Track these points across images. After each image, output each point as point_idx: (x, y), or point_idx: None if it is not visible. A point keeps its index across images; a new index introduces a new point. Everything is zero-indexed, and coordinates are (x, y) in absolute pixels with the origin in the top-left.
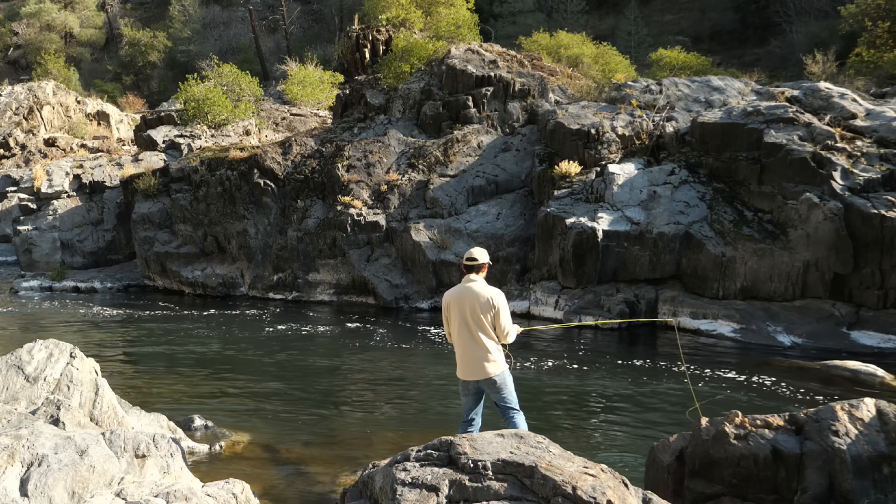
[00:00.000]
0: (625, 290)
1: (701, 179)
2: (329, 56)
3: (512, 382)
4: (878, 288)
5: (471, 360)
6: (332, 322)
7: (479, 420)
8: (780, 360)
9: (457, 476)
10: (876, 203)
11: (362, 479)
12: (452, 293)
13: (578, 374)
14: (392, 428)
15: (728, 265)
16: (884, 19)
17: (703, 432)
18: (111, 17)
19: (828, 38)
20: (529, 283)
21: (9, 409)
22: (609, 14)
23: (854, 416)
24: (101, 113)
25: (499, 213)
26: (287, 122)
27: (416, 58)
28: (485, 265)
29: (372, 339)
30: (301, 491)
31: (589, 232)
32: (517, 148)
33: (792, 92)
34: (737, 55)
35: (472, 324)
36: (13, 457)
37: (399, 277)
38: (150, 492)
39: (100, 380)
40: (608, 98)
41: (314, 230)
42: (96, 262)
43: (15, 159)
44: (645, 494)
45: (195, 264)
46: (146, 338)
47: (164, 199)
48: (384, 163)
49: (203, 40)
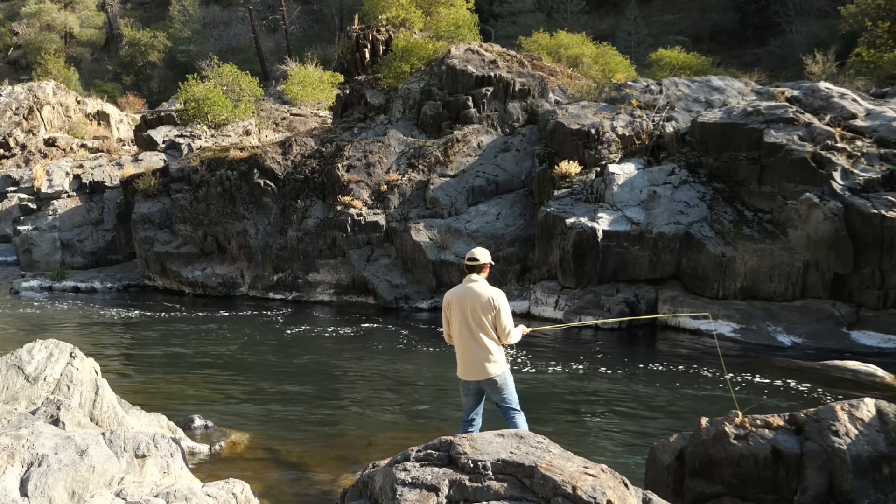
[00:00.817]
0: (625, 290)
1: (701, 179)
2: (329, 56)
3: (513, 383)
4: (878, 288)
5: (471, 361)
6: (332, 322)
7: (480, 420)
8: (780, 360)
9: (457, 476)
10: (876, 203)
11: (362, 479)
12: (454, 293)
13: (578, 373)
14: (392, 428)
15: (728, 265)
16: (884, 19)
17: (703, 432)
18: (111, 17)
19: (828, 38)
20: (529, 283)
21: (9, 409)
22: (609, 14)
23: (854, 416)
24: (101, 113)
25: (499, 213)
26: (287, 122)
27: (416, 58)
28: (486, 265)
29: (372, 339)
30: (301, 491)
31: (589, 232)
32: (517, 148)
33: (792, 92)
34: (737, 55)
35: (472, 324)
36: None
37: (399, 277)
38: (150, 492)
39: (100, 380)
40: (608, 98)
41: (314, 230)
42: (96, 262)
43: (15, 159)
44: (645, 494)
45: (195, 264)
46: (146, 338)
47: (164, 199)
48: (384, 163)
49: (203, 40)
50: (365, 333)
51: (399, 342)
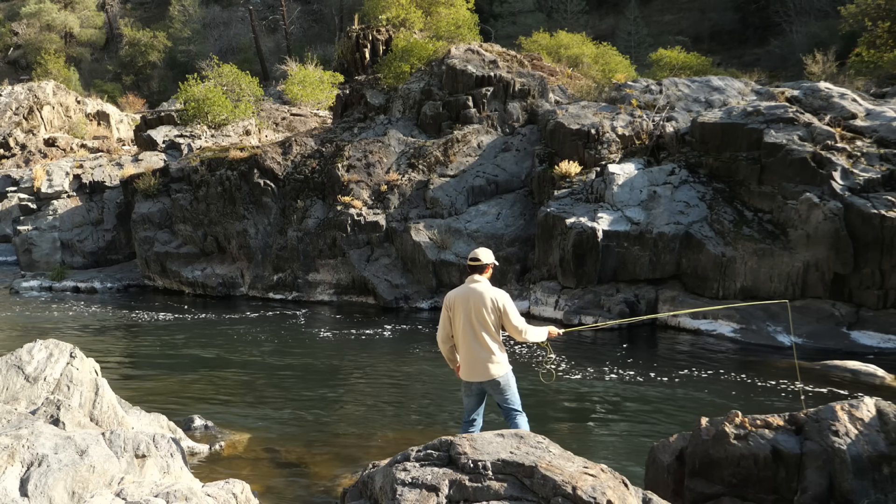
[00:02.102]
0: (625, 290)
1: (701, 179)
2: (329, 56)
3: (515, 384)
4: (878, 288)
5: (474, 361)
6: (332, 322)
7: (481, 421)
8: (780, 360)
9: (457, 476)
10: (876, 203)
11: (362, 479)
12: (457, 293)
13: (578, 374)
14: (392, 428)
15: (728, 265)
16: (884, 19)
17: (703, 432)
18: (111, 17)
19: (828, 38)
20: (529, 283)
21: (9, 409)
22: (609, 14)
23: (854, 416)
24: (101, 113)
25: (499, 213)
26: (287, 122)
27: (416, 58)
28: (488, 266)
29: (372, 339)
30: (301, 491)
31: (589, 232)
32: (517, 148)
33: (792, 92)
34: (737, 55)
35: (476, 325)
36: (13, 457)
37: (399, 277)
38: (150, 492)
39: (100, 380)
40: (608, 98)
41: (314, 230)
42: (96, 262)
43: (15, 159)
44: (645, 494)
45: (195, 264)
46: (146, 338)
47: (164, 199)
48: (384, 163)
49: (203, 40)
50: (365, 333)
51: (399, 342)
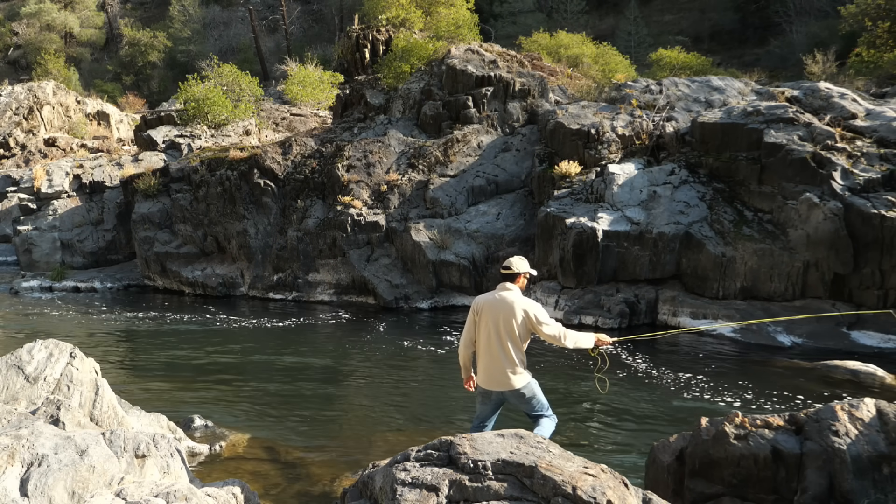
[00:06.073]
0: (625, 290)
1: (701, 179)
2: (329, 56)
3: (538, 388)
4: (878, 288)
5: (495, 371)
6: (332, 322)
7: (491, 429)
8: (780, 360)
9: (457, 476)
10: (876, 203)
11: (362, 479)
12: (486, 300)
13: (578, 374)
14: (392, 428)
15: (728, 265)
16: (884, 19)
17: (703, 432)
18: (111, 17)
19: (828, 38)
20: (529, 283)
21: (9, 409)
22: (609, 14)
23: (854, 416)
24: (101, 113)
25: (499, 213)
26: (287, 122)
27: (416, 58)
28: (521, 275)
29: (372, 339)
30: (301, 491)
31: (589, 232)
32: (517, 148)
33: (792, 92)
34: (737, 55)
35: (503, 334)
36: (13, 457)
37: (399, 277)
38: (150, 492)
39: (100, 380)
40: (608, 98)
41: (314, 230)
42: (96, 262)
43: (15, 159)
44: (645, 494)
45: (195, 264)
46: (146, 338)
47: (164, 199)
48: (384, 163)
49: (203, 40)
50: (365, 333)
51: (399, 342)
